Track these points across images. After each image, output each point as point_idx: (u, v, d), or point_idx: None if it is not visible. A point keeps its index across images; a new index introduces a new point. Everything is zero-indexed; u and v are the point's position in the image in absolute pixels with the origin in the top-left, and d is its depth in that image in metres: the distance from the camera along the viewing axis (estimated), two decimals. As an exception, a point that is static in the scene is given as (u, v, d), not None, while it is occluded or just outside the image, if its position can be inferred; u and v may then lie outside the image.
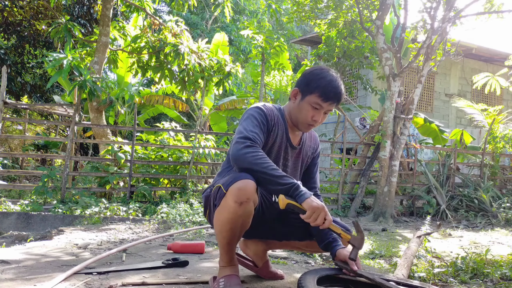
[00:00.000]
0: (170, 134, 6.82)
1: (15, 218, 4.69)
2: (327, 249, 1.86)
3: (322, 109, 1.83)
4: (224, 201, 1.67)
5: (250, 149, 1.67)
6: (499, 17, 6.80)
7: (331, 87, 1.80)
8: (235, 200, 1.62)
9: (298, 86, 1.88)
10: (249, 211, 1.69)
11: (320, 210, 1.59)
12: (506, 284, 2.29)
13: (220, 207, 1.70)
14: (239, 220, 1.68)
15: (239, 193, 1.61)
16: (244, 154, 1.65)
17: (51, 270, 2.15)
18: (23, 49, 11.39)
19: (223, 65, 6.91)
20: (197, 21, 17.94)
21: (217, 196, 1.73)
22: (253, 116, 1.81)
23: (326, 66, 9.23)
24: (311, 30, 16.90)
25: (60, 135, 12.49)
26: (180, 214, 4.96)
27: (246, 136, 1.71)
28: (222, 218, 1.69)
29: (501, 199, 6.92)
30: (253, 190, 1.64)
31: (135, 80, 10.78)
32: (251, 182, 1.63)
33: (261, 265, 2.11)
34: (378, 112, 9.01)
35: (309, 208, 1.59)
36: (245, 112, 1.88)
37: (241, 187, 1.61)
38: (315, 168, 2.08)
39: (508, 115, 9.66)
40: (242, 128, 1.76)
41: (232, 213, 1.65)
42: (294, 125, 1.91)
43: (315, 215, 1.59)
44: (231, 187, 1.63)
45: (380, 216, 6.17)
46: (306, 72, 1.90)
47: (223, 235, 1.73)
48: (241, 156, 1.65)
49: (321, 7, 8.25)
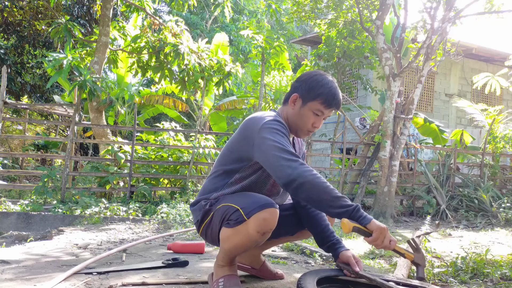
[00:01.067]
0: (170, 134, 6.82)
1: (15, 218, 4.69)
2: (330, 251, 1.85)
3: (323, 116, 1.81)
4: (243, 227, 1.61)
5: (305, 168, 1.54)
6: (499, 17, 6.79)
7: (334, 93, 1.79)
8: (258, 231, 1.58)
9: (298, 92, 1.82)
10: (267, 237, 1.67)
11: (386, 232, 1.54)
12: (506, 284, 2.29)
13: (237, 231, 1.63)
14: (255, 244, 1.67)
15: (264, 224, 1.57)
16: (303, 173, 1.52)
17: (51, 270, 2.15)
18: (23, 49, 11.39)
19: (223, 65, 6.91)
20: (196, 21, 17.94)
21: (231, 216, 1.64)
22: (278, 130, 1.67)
23: (322, 70, 9.24)
24: (311, 30, 16.90)
25: (60, 135, 12.49)
26: (180, 214, 4.96)
27: (289, 151, 1.58)
28: (237, 241, 1.65)
29: (501, 199, 6.92)
30: (277, 219, 1.60)
31: (135, 80, 10.78)
32: (276, 211, 1.59)
33: (259, 267, 2.10)
34: (378, 112, 9.00)
35: (376, 230, 1.53)
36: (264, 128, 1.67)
37: (267, 218, 1.56)
38: None
39: (508, 115, 9.66)
40: (274, 147, 1.59)
41: (251, 241, 1.63)
42: (293, 131, 1.86)
43: (382, 236, 1.53)
44: (255, 216, 1.57)
45: (380, 216, 6.17)
46: (305, 78, 1.84)
47: (231, 252, 1.71)
48: (301, 177, 1.51)
49: (321, 7, 8.25)
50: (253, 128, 1.71)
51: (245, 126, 1.76)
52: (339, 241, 1.85)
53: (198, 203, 1.84)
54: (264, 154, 1.62)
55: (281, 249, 3.10)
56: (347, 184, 7.40)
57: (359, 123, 10.57)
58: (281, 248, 3.11)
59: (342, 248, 1.82)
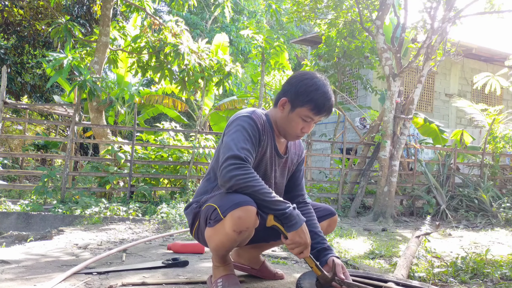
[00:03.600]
0: (170, 134, 6.82)
1: (15, 218, 4.69)
2: (319, 257, 1.79)
3: (312, 121, 1.77)
4: (221, 226, 1.60)
5: (241, 171, 1.55)
6: (499, 17, 6.79)
7: (324, 99, 1.71)
8: (234, 229, 1.56)
9: (286, 96, 1.75)
10: (248, 236, 1.64)
11: (299, 244, 1.59)
12: (506, 284, 2.29)
13: (216, 230, 1.63)
14: (235, 244, 1.66)
15: (239, 222, 1.54)
16: (235, 176, 1.54)
17: (51, 270, 2.15)
18: (23, 49, 11.38)
19: (223, 65, 6.91)
20: (196, 21, 17.93)
21: (211, 216, 1.64)
22: (244, 129, 1.67)
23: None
24: (311, 30, 16.90)
25: (60, 135, 12.49)
26: (180, 214, 4.96)
27: (236, 156, 1.58)
28: (217, 241, 1.65)
29: (501, 199, 6.92)
30: (254, 218, 1.57)
31: (135, 80, 10.76)
32: (254, 209, 1.56)
33: (258, 267, 2.10)
34: (378, 112, 9.00)
35: (291, 240, 1.59)
36: (235, 121, 1.72)
37: (241, 216, 1.53)
38: (300, 174, 2.01)
39: (508, 115, 9.65)
40: (233, 144, 1.62)
41: (230, 240, 1.61)
42: (281, 134, 1.83)
43: (294, 246, 1.60)
44: (230, 214, 1.54)
45: (380, 216, 6.17)
46: (294, 81, 1.75)
47: (217, 253, 1.71)
48: (233, 178, 1.54)
49: (321, 7, 8.25)
50: (228, 123, 1.77)
51: (227, 123, 1.80)
52: (330, 248, 1.80)
53: (190, 206, 1.85)
54: (222, 149, 1.67)
55: (281, 249, 3.10)
56: (347, 184, 7.40)
57: (359, 123, 10.56)
58: (281, 248, 3.11)
59: (331, 254, 1.77)
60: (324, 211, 2.02)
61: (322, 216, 1.99)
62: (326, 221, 2.00)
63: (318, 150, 13.26)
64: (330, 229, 2.07)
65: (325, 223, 2.00)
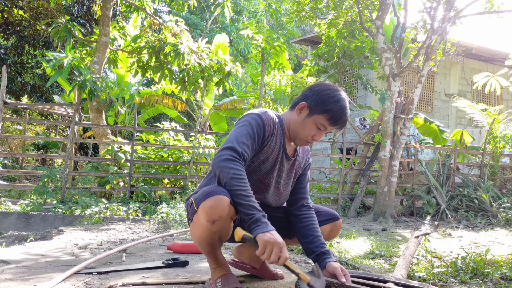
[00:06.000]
0: (170, 134, 6.82)
1: (15, 218, 4.69)
2: (317, 261, 1.80)
3: (325, 131, 1.79)
4: (196, 218, 1.62)
5: (231, 164, 1.57)
6: (499, 17, 6.80)
7: (343, 113, 1.75)
8: (207, 219, 1.56)
9: (306, 101, 1.79)
10: (224, 227, 1.62)
11: (272, 245, 1.46)
12: (506, 284, 2.29)
13: (194, 224, 1.65)
14: (214, 236, 1.63)
15: (211, 212, 1.55)
16: (224, 167, 1.57)
17: (51, 270, 2.15)
18: (23, 49, 11.38)
19: (223, 65, 6.91)
20: (196, 21, 17.94)
21: (190, 210, 1.67)
22: (250, 125, 1.71)
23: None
24: (311, 30, 16.90)
25: (60, 135, 12.49)
26: (180, 214, 4.96)
27: (234, 148, 1.62)
28: (196, 234, 1.65)
29: (501, 199, 6.92)
30: (226, 207, 1.55)
31: (135, 80, 10.78)
32: (224, 198, 1.55)
33: (259, 267, 2.10)
34: (378, 112, 9.01)
35: (261, 243, 1.47)
36: (244, 116, 1.78)
37: (212, 206, 1.54)
38: (305, 178, 2.02)
39: (508, 115, 9.66)
40: (234, 137, 1.67)
41: (206, 231, 1.61)
42: (292, 138, 1.85)
43: (268, 250, 1.47)
44: (202, 204, 1.57)
45: (380, 216, 6.17)
46: (318, 89, 1.79)
47: (203, 248, 1.70)
48: (221, 168, 1.57)
49: (321, 7, 8.25)
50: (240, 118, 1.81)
51: None
52: (329, 252, 1.80)
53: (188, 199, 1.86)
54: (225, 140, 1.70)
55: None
56: (347, 184, 7.40)
57: (359, 123, 10.57)
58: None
59: (329, 258, 1.77)
60: (326, 215, 2.00)
61: (323, 220, 1.97)
62: (328, 225, 1.98)
63: (318, 150, 13.26)
64: (333, 234, 2.04)
65: (327, 228, 1.98)
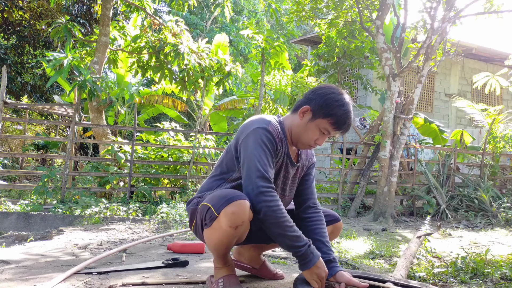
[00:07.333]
0: (170, 134, 6.82)
1: (15, 218, 4.69)
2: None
3: (328, 135, 1.77)
4: (217, 224, 1.60)
5: (269, 197, 1.59)
6: (498, 17, 6.80)
7: (347, 117, 1.73)
8: (230, 225, 1.56)
9: (310, 105, 1.75)
10: (245, 230, 1.64)
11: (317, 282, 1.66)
12: (506, 284, 2.29)
13: (213, 229, 1.63)
14: (234, 240, 1.65)
15: (233, 217, 1.54)
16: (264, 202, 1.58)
17: (51, 270, 2.15)
18: (23, 49, 11.39)
19: (223, 65, 6.91)
20: (196, 21, 17.94)
21: (206, 216, 1.64)
22: (264, 144, 1.66)
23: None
24: (311, 30, 16.90)
25: (60, 135, 12.49)
26: (180, 214, 4.96)
27: (265, 177, 1.61)
28: (215, 238, 1.65)
29: (501, 199, 6.92)
30: (248, 212, 1.57)
31: (135, 80, 10.77)
32: (246, 202, 1.56)
33: (259, 267, 2.10)
34: (378, 112, 9.00)
35: (307, 278, 1.68)
36: (252, 133, 1.69)
37: (235, 212, 1.54)
38: (310, 178, 1.97)
39: (508, 115, 9.66)
40: (256, 161, 1.62)
41: (227, 236, 1.61)
42: (293, 142, 1.82)
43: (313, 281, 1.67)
44: (224, 210, 1.55)
45: (380, 216, 6.17)
46: (322, 92, 1.75)
47: (219, 251, 1.70)
48: (260, 204, 1.59)
49: (321, 7, 8.25)
50: (243, 130, 1.74)
51: (241, 128, 1.77)
52: (335, 260, 1.79)
53: (192, 201, 1.85)
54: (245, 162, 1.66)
55: (281, 249, 3.09)
56: (347, 184, 7.40)
57: (359, 123, 10.56)
58: (282, 248, 3.10)
59: (338, 268, 1.76)
60: (326, 216, 1.99)
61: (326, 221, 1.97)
62: (329, 227, 1.98)
63: (318, 150, 13.26)
64: (333, 236, 2.04)
65: (327, 230, 1.96)
